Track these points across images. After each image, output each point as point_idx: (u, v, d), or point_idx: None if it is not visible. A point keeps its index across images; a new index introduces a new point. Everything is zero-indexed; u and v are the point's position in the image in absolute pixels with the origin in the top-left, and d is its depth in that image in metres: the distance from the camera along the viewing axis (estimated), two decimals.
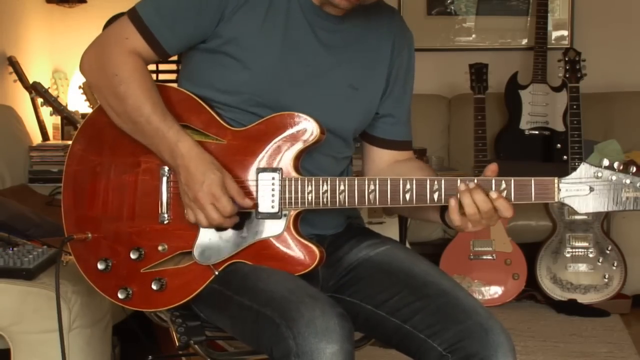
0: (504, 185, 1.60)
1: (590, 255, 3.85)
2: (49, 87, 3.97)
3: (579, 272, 3.85)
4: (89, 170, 1.78)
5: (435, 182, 1.63)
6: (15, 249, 2.29)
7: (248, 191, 1.69)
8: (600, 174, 1.58)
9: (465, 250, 3.90)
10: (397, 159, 1.89)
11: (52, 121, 4.18)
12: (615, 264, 3.82)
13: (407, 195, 1.64)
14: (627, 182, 1.57)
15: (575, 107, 3.89)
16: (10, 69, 3.97)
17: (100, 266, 1.75)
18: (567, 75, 3.93)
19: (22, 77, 3.97)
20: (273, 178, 1.68)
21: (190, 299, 1.71)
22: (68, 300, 2.20)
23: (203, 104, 1.73)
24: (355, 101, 1.80)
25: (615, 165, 1.57)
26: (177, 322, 1.75)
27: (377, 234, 1.88)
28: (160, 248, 1.73)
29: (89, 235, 1.77)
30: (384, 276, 1.74)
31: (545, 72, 4.35)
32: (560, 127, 4.27)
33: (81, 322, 2.24)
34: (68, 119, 3.73)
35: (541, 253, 3.89)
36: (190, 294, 1.70)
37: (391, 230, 3.68)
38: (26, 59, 4.16)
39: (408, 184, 1.64)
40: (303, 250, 1.67)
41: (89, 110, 3.83)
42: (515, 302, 3.89)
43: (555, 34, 4.68)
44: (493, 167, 1.62)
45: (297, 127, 1.69)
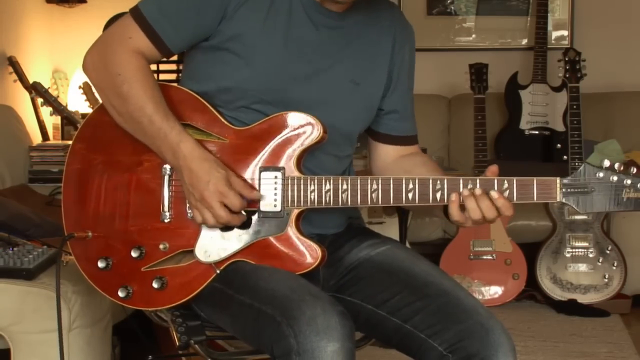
0: (506, 185, 1.61)
1: (590, 255, 3.85)
2: (49, 87, 3.97)
3: (579, 272, 3.85)
4: (89, 169, 1.78)
5: (438, 182, 1.63)
6: (15, 249, 2.29)
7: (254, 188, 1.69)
8: (601, 175, 1.58)
9: (465, 250, 3.90)
10: (402, 154, 1.90)
11: (52, 121, 4.17)
12: (615, 264, 3.82)
13: (410, 195, 1.64)
14: (628, 182, 1.58)
15: (575, 107, 3.88)
16: (10, 69, 3.97)
17: (100, 265, 1.74)
18: (567, 75, 3.92)
19: (22, 77, 3.97)
20: (275, 177, 1.68)
21: (191, 298, 1.70)
22: (68, 300, 2.20)
23: (205, 103, 1.73)
24: (357, 96, 1.80)
25: (616, 166, 1.58)
26: (177, 321, 1.75)
27: (377, 234, 1.87)
28: (161, 247, 1.72)
29: (89, 233, 1.76)
30: (385, 276, 1.74)
31: (545, 72, 4.34)
32: (560, 127, 4.27)
33: (81, 322, 2.24)
34: (68, 119, 3.73)
35: (541, 253, 3.89)
36: (191, 293, 1.70)
37: (391, 230, 3.67)
38: (26, 59, 4.15)
39: (411, 183, 1.64)
40: (305, 250, 1.67)
41: (89, 110, 3.83)
42: (515, 302, 3.88)
43: (555, 34, 4.67)
44: (494, 168, 1.63)
45: (299, 126, 1.69)
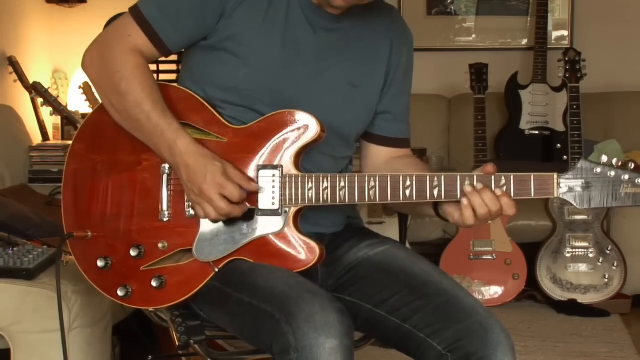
0: (503, 181, 1.60)
1: (591, 255, 3.85)
2: (49, 87, 3.97)
3: (579, 272, 3.85)
4: (89, 168, 1.78)
5: (435, 179, 1.63)
6: (15, 249, 2.29)
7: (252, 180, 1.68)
8: (599, 170, 1.58)
9: (465, 250, 3.90)
10: (393, 156, 1.89)
11: (52, 121, 4.17)
12: (615, 264, 3.82)
13: (407, 192, 1.64)
14: (626, 178, 1.57)
15: (575, 107, 3.88)
16: (10, 69, 3.97)
17: (100, 264, 1.74)
18: (567, 75, 3.93)
19: (22, 77, 3.97)
20: (274, 175, 1.68)
21: (190, 297, 1.70)
22: (68, 300, 2.20)
23: (204, 102, 1.73)
24: (354, 98, 1.80)
25: (614, 161, 1.57)
26: (177, 321, 1.75)
27: (376, 234, 1.87)
28: (160, 245, 1.73)
29: (89, 233, 1.77)
30: (384, 275, 1.74)
31: (545, 72, 4.34)
32: (560, 127, 4.27)
33: (81, 322, 2.24)
34: (68, 119, 3.73)
35: (541, 253, 3.88)
36: (190, 292, 1.70)
37: (391, 230, 3.67)
38: (26, 59, 4.16)
39: (408, 180, 1.64)
40: (303, 247, 1.67)
41: (89, 110, 3.83)
42: (515, 302, 3.88)
43: (555, 34, 4.67)
44: (490, 168, 1.62)
45: (297, 124, 1.69)
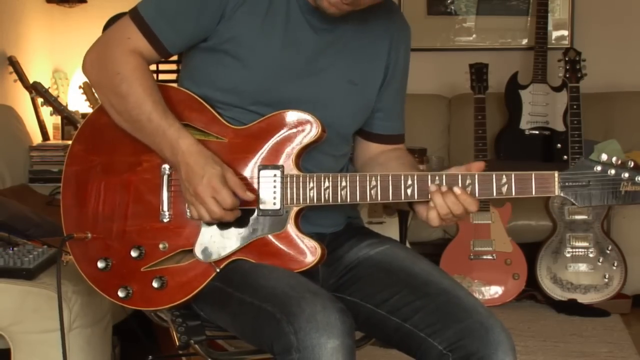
0: (504, 180, 1.61)
1: (591, 255, 3.85)
2: (49, 87, 3.97)
3: (579, 272, 3.85)
4: (88, 169, 1.78)
5: (437, 178, 1.64)
6: (15, 249, 2.29)
7: (250, 188, 1.69)
8: (599, 169, 1.58)
9: (466, 250, 3.90)
10: (382, 150, 1.90)
11: (52, 121, 4.17)
12: (615, 264, 3.82)
13: (409, 191, 1.65)
14: (626, 176, 1.57)
15: (575, 107, 3.88)
16: (11, 69, 3.97)
17: (100, 265, 1.74)
18: (567, 75, 3.93)
19: (22, 77, 3.97)
20: (275, 175, 1.68)
21: (191, 297, 1.70)
22: (68, 300, 2.20)
23: (204, 103, 1.73)
24: (355, 96, 1.81)
25: (614, 160, 1.57)
26: (177, 321, 1.75)
27: (376, 234, 1.88)
28: (160, 246, 1.72)
29: (89, 234, 1.76)
30: (384, 275, 1.74)
31: (546, 72, 4.34)
32: (560, 127, 4.27)
33: (81, 322, 2.24)
34: (68, 119, 3.73)
35: (541, 253, 3.88)
36: (192, 292, 1.70)
37: (391, 230, 3.67)
38: (26, 59, 4.15)
39: (409, 179, 1.64)
40: (305, 247, 1.67)
41: (89, 110, 3.83)
42: (516, 302, 3.88)
43: (555, 34, 4.67)
44: (479, 165, 1.63)
45: (298, 124, 1.69)
